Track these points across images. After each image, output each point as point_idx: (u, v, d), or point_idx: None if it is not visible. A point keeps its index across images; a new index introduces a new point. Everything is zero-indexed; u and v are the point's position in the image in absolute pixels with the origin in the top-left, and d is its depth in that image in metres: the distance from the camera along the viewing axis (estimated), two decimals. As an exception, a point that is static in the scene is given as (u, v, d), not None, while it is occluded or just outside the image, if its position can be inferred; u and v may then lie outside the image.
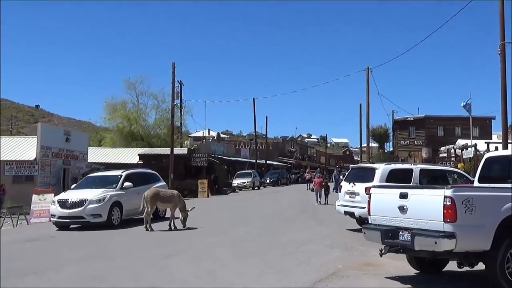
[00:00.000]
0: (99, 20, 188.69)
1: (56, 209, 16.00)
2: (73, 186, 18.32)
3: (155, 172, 19.58)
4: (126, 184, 16.90)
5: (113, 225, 15.74)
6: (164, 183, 19.26)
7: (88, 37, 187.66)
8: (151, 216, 15.13)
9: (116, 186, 16.74)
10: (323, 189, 24.88)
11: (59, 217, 15.91)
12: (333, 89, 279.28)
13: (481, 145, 29.54)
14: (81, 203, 15.69)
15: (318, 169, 48.78)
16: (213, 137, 74.32)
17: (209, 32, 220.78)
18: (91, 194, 16.03)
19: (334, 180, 34.55)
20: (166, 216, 17.16)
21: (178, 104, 41.62)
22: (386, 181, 12.39)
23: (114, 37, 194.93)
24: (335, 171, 44.23)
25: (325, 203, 24.08)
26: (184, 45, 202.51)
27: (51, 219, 16.64)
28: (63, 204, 15.93)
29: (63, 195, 16.83)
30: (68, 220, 15.85)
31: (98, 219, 15.58)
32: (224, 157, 48.40)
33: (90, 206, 15.60)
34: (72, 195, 16.42)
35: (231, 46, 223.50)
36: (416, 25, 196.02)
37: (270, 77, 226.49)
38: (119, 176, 17.21)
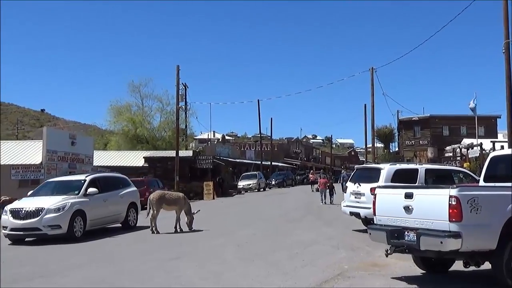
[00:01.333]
0: (103, 23, 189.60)
1: (8, 220, 13.96)
2: (29, 192, 15.91)
3: (124, 176, 18.23)
4: (91, 190, 15.02)
5: (75, 237, 13.89)
6: (135, 188, 17.85)
7: (92, 40, 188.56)
8: (156, 219, 15.11)
9: (79, 192, 14.82)
10: (328, 190, 25.01)
11: (12, 229, 13.90)
12: (337, 90, 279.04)
13: (487, 144, 29.41)
14: (37, 212, 13.73)
15: (322, 170, 48.77)
16: (218, 139, 74.38)
17: (213, 33, 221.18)
18: (49, 202, 14.08)
19: (343, 180, 34.40)
20: (137, 225, 16.67)
21: (183, 107, 41.72)
22: (392, 181, 12.37)
23: (118, 39, 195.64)
24: (343, 171, 44.09)
25: (330, 203, 24.17)
26: (188, 46, 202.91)
27: (3, 231, 14.35)
28: (16, 214, 13.92)
29: (17, 204, 14.76)
30: (22, 233, 13.91)
31: (57, 231, 13.70)
32: (229, 159, 48.45)
33: (47, 216, 13.64)
34: (28, 203, 14.36)
35: (235, 47, 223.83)
36: (420, 24, 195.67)
37: (274, 79, 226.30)
38: (83, 181, 15.32)
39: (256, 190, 43.62)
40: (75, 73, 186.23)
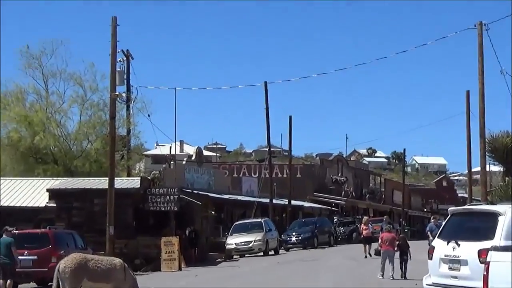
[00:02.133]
0: None
1: None
2: None
3: None
4: None
5: None
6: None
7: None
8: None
9: None
10: (398, 252, 24.93)
11: None
12: (413, 67, 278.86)
13: None
14: None
15: (386, 217, 48.54)
16: (190, 156, 74.45)
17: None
18: None
19: (430, 236, 34.40)
20: None
21: (123, 94, 41.62)
22: (519, 238, 12.40)
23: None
24: (432, 220, 43.88)
25: (401, 278, 24.18)
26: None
27: None
28: None
29: None
30: None
31: None
32: (211, 194, 48.36)
33: None
34: None
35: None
36: None
37: (292, 50, 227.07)
38: None
39: (261, 254, 43.70)
40: None
